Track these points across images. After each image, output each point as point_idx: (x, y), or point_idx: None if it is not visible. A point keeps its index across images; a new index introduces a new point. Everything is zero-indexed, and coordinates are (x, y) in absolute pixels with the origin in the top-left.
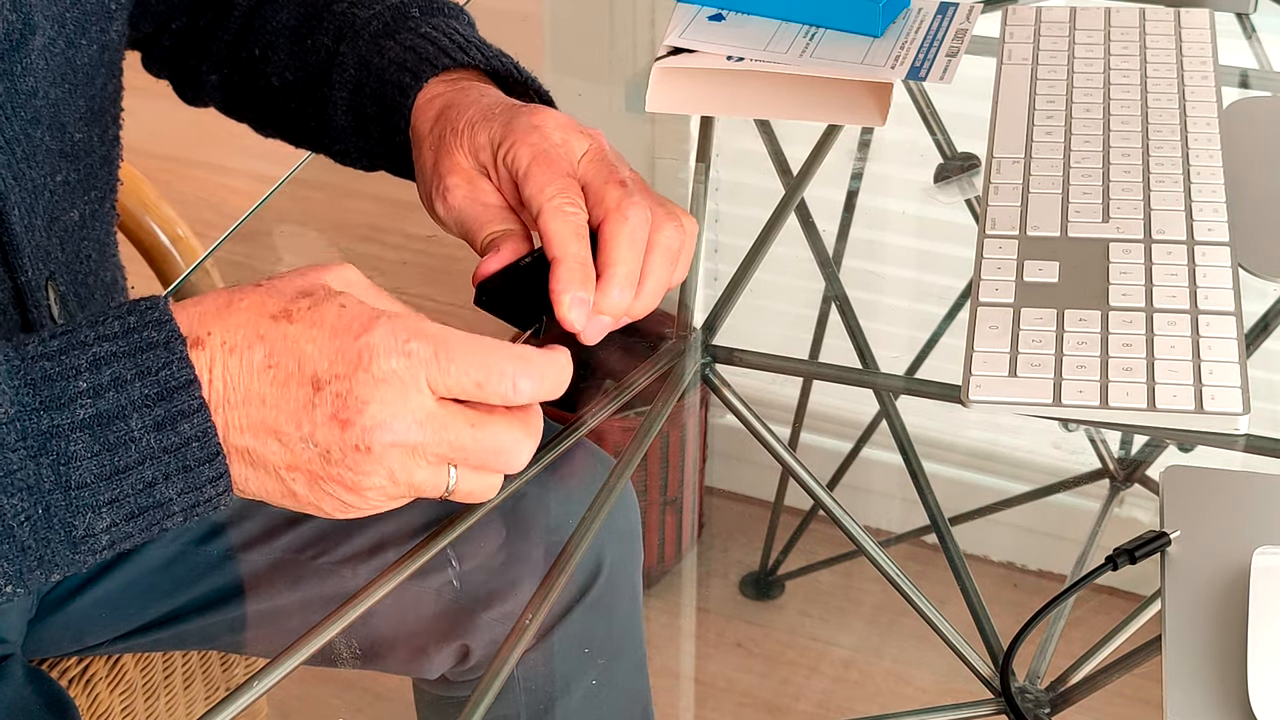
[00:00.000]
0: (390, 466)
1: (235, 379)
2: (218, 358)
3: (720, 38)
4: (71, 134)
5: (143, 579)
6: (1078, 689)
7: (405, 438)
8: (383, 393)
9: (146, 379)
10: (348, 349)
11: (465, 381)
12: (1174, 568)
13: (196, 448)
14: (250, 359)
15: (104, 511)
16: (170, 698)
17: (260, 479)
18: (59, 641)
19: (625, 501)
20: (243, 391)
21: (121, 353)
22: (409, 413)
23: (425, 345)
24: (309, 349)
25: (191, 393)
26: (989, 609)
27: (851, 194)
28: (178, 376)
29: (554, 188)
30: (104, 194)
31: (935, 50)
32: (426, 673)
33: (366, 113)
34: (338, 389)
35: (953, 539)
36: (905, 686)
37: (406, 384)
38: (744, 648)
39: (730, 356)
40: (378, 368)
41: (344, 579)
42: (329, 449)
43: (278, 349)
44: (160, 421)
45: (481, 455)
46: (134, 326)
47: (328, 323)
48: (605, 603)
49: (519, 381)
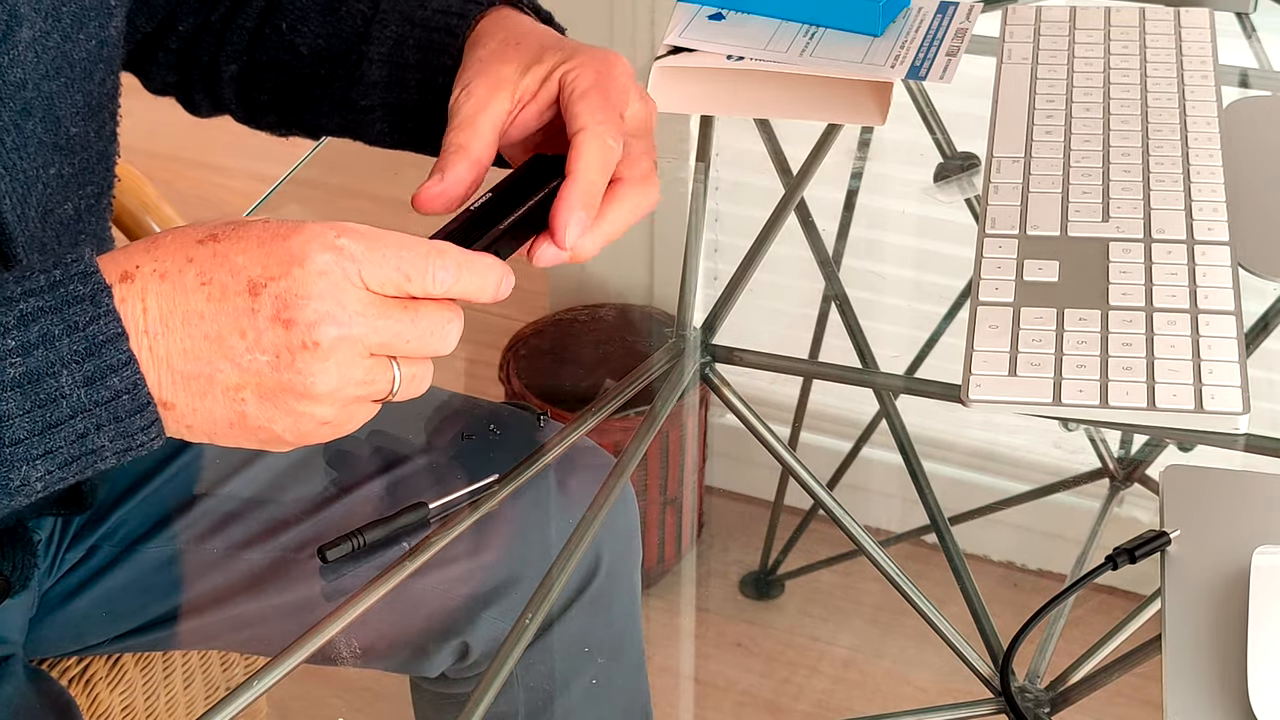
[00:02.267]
0: (338, 362)
1: (171, 303)
2: (150, 286)
3: (720, 37)
4: (67, 128)
5: (143, 579)
6: (1077, 689)
7: (349, 329)
8: (320, 286)
9: (74, 334)
10: (279, 251)
11: (394, 274)
12: (1174, 567)
13: (127, 399)
14: (182, 281)
15: (38, 463)
16: (170, 698)
17: (208, 408)
18: (59, 641)
19: (624, 500)
20: (180, 313)
21: (48, 308)
22: (348, 304)
23: (354, 241)
24: (240, 259)
25: (119, 346)
26: (989, 609)
27: (851, 193)
28: (105, 330)
29: (604, 115)
30: (101, 189)
31: (935, 49)
32: (426, 671)
33: (406, 61)
34: (275, 290)
35: (953, 539)
36: (905, 686)
37: (341, 278)
38: (744, 647)
39: (730, 356)
40: (312, 264)
41: (344, 577)
42: (277, 353)
43: (208, 266)
44: (90, 377)
45: (420, 339)
46: (59, 280)
47: (254, 234)
48: (604, 601)
49: (438, 273)
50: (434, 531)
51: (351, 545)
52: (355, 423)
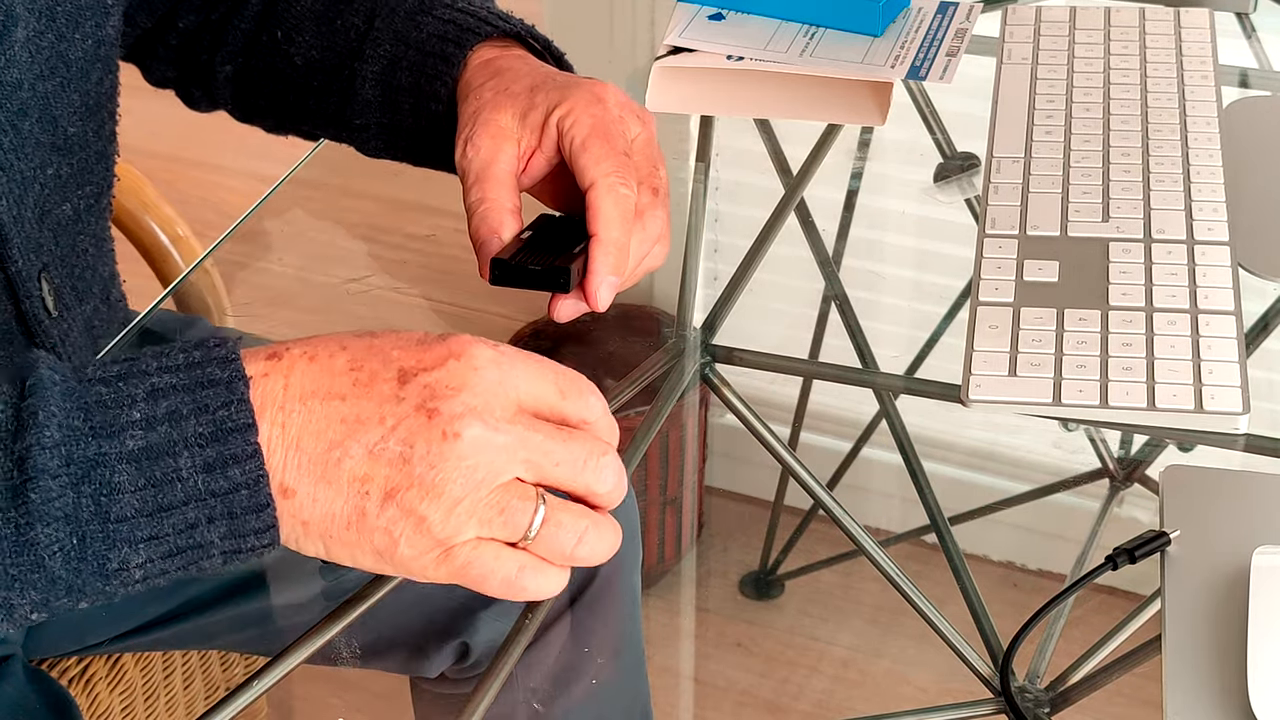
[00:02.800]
0: (475, 465)
1: (315, 383)
2: (297, 365)
3: (720, 37)
4: (64, 128)
5: None
6: (1077, 689)
7: (494, 431)
8: (474, 381)
9: (202, 416)
10: (437, 347)
11: (550, 390)
12: (1174, 568)
13: (245, 495)
14: (331, 365)
15: (141, 548)
16: (170, 698)
17: (329, 498)
18: (59, 642)
19: (624, 500)
20: (322, 393)
21: (181, 386)
22: (498, 407)
23: (514, 353)
24: (395, 352)
25: (247, 438)
26: (989, 609)
27: (851, 193)
28: (235, 419)
29: (610, 164)
30: (100, 189)
31: (935, 50)
32: (426, 671)
33: (399, 84)
34: (426, 380)
35: (953, 539)
36: (905, 686)
37: (496, 381)
38: (744, 647)
39: (730, 356)
40: (469, 359)
41: (344, 577)
42: (412, 442)
43: (361, 355)
44: (210, 463)
45: (571, 463)
46: (198, 361)
47: (414, 335)
48: (604, 600)
49: (592, 399)
50: None
51: None
52: (482, 569)
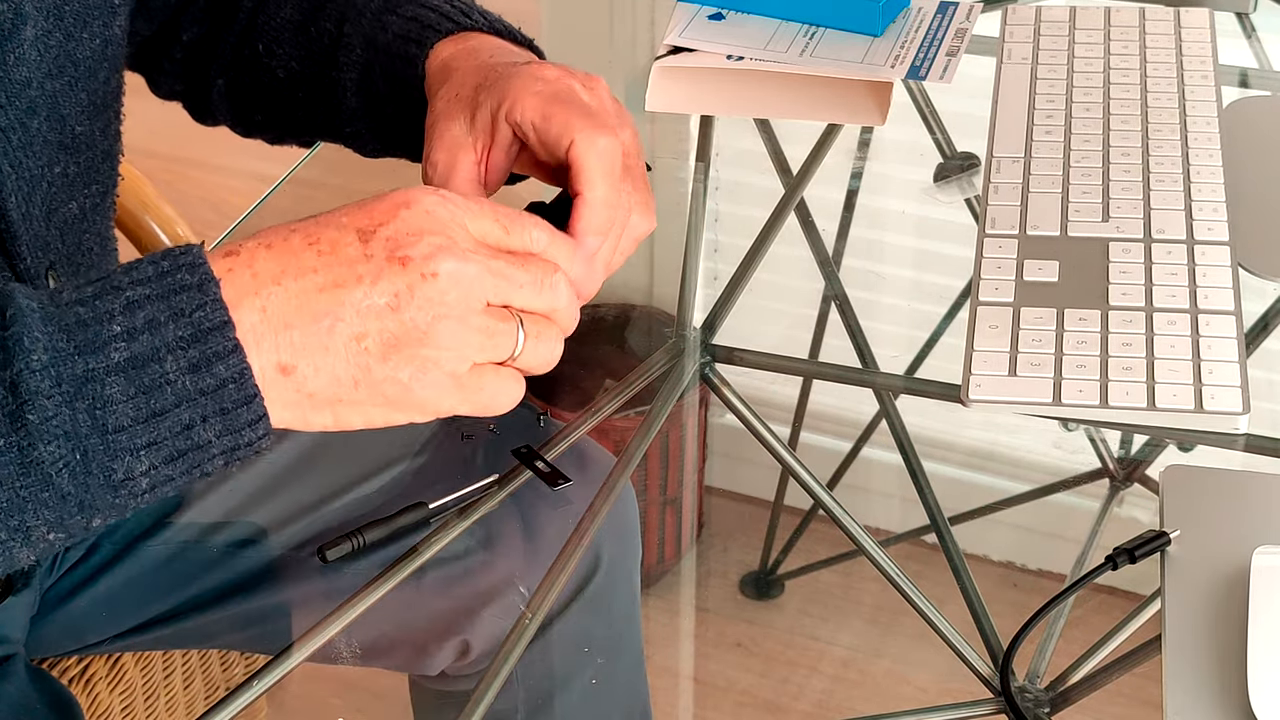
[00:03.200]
0: (458, 298)
1: (280, 263)
2: (257, 255)
3: (720, 37)
4: (72, 126)
5: (143, 577)
6: (1077, 688)
7: (464, 261)
8: (430, 223)
9: (180, 320)
10: (382, 202)
11: (493, 226)
12: (1174, 567)
13: (233, 389)
14: (289, 244)
15: (143, 455)
16: (170, 698)
17: (331, 365)
18: (60, 640)
19: (623, 498)
20: (293, 270)
21: (155, 295)
22: (459, 239)
23: (455, 195)
24: (344, 218)
25: (226, 334)
26: (989, 608)
27: (851, 193)
28: (211, 318)
29: (580, 120)
30: (105, 188)
31: (935, 49)
32: (426, 669)
33: (378, 91)
34: (386, 233)
35: (952, 539)
36: (905, 686)
37: (449, 218)
38: (744, 647)
39: (730, 356)
40: (419, 205)
41: (344, 576)
42: (396, 291)
43: (312, 229)
44: (195, 364)
45: (533, 285)
46: (167, 270)
47: (354, 203)
48: (603, 600)
49: (534, 231)
50: (434, 531)
51: (351, 545)
52: (489, 395)
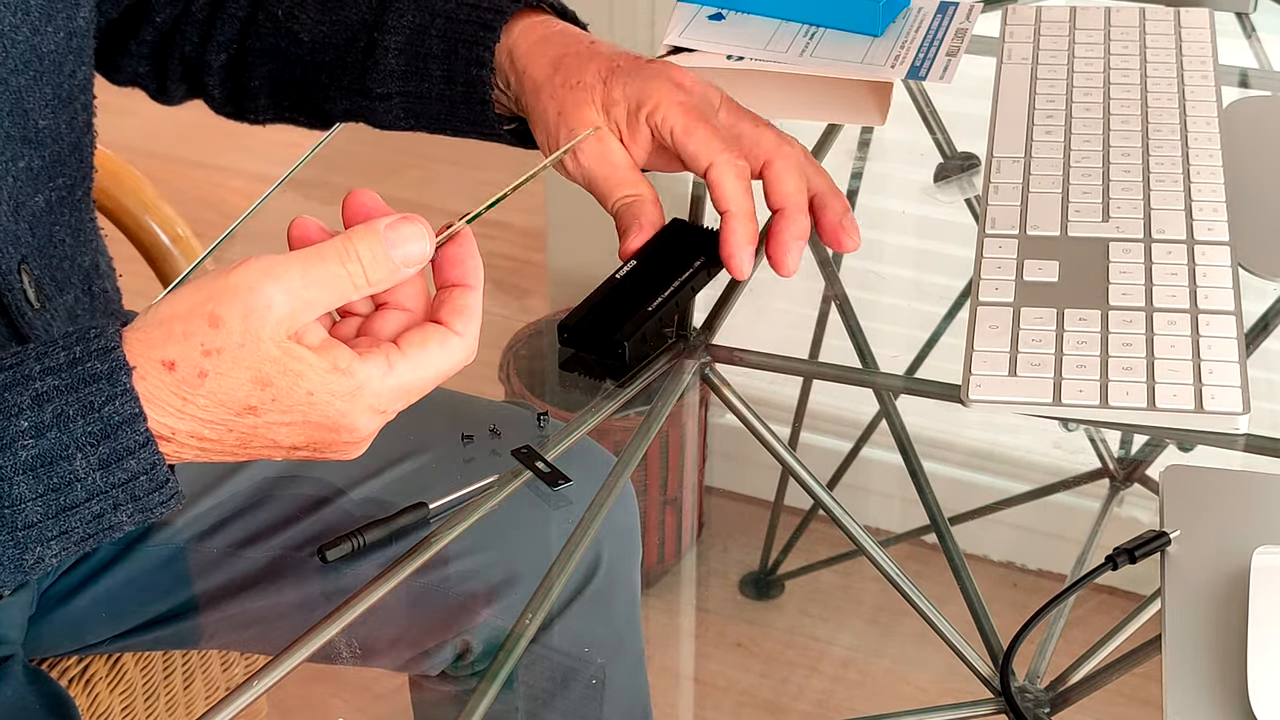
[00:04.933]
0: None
1: (211, 453)
2: (187, 446)
3: (720, 37)
4: (35, 120)
5: (143, 577)
6: (1078, 689)
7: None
8: (360, 442)
9: (90, 415)
10: (326, 435)
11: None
12: (1174, 568)
13: (145, 480)
14: (222, 446)
15: (53, 543)
16: (170, 698)
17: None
18: (59, 641)
19: (623, 498)
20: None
21: (64, 387)
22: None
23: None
24: (284, 433)
25: (136, 428)
26: (989, 608)
27: (851, 194)
28: (121, 412)
29: (718, 143)
30: (74, 180)
31: (935, 49)
32: (426, 669)
33: (429, 50)
34: (315, 449)
35: (952, 539)
36: (905, 686)
37: (378, 427)
38: (744, 647)
39: (730, 356)
40: (357, 435)
41: (344, 576)
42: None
43: (248, 437)
44: (105, 460)
45: None
46: (79, 357)
47: (299, 412)
48: (604, 600)
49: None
50: (434, 531)
51: (351, 545)
52: None
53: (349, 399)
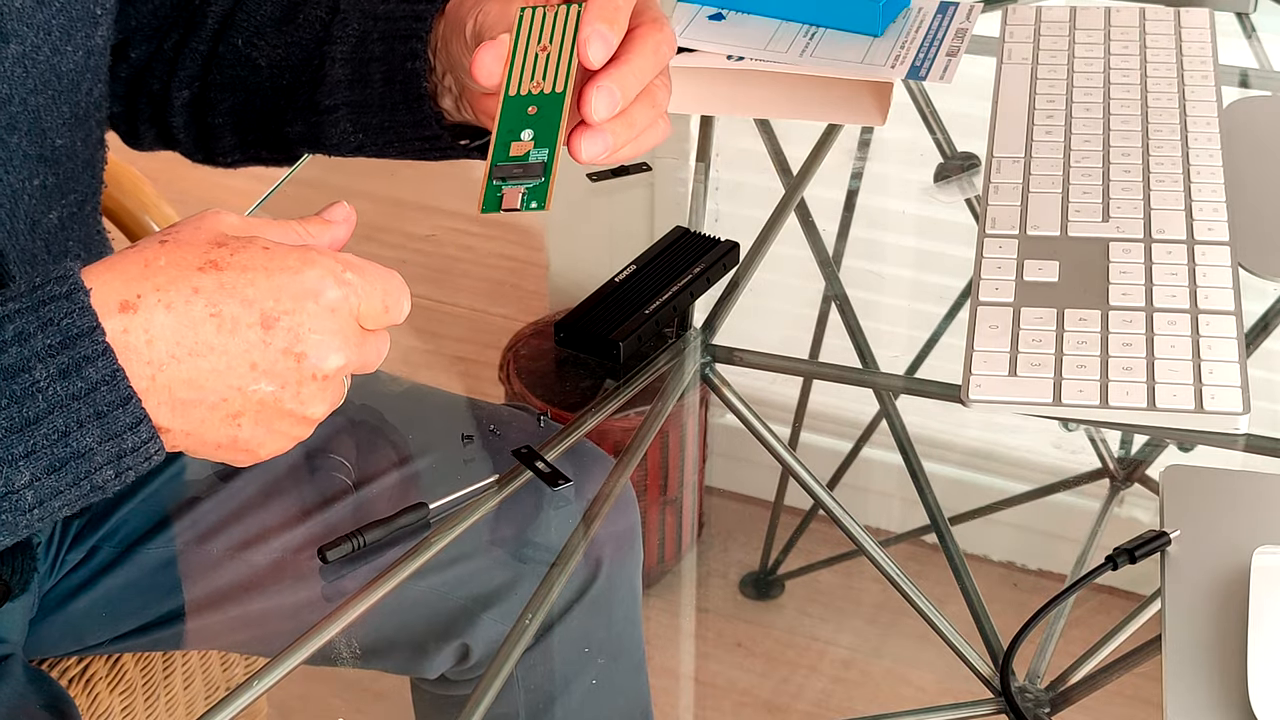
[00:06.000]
0: (333, 388)
1: (178, 334)
2: (155, 317)
3: (720, 37)
4: (52, 140)
5: (143, 579)
6: (1078, 688)
7: (346, 361)
8: (332, 323)
9: (49, 329)
10: (291, 286)
11: (378, 309)
12: (1174, 567)
13: (105, 391)
14: (190, 313)
15: (21, 465)
16: (170, 698)
17: (202, 433)
18: (59, 642)
19: (624, 500)
20: (189, 344)
21: (25, 308)
22: (350, 338)
23: (356, 275)
24: (250, 291)
25: (95, 338)
26: (989, 608)
27: (851, 193)
28: (79, 324)
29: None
30: (84, 197)
31: (935, 50)
32: (426, 672)
33: (370, 54)
34: (290, 324)
35: (953, 539)
36: (905, 686)
37: (347, 315)
38: (744, 647)
39: (730, 356)
40: (325, 300)
41: (344, 577)
42: (284, 383)
43: (216, 297)
44: (65, 369)
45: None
46: (38, 284)
47: (259, 264)
48: (604, 602)
49: (404, 304)
50: (434, 531)
51: (351, 545)
52: None
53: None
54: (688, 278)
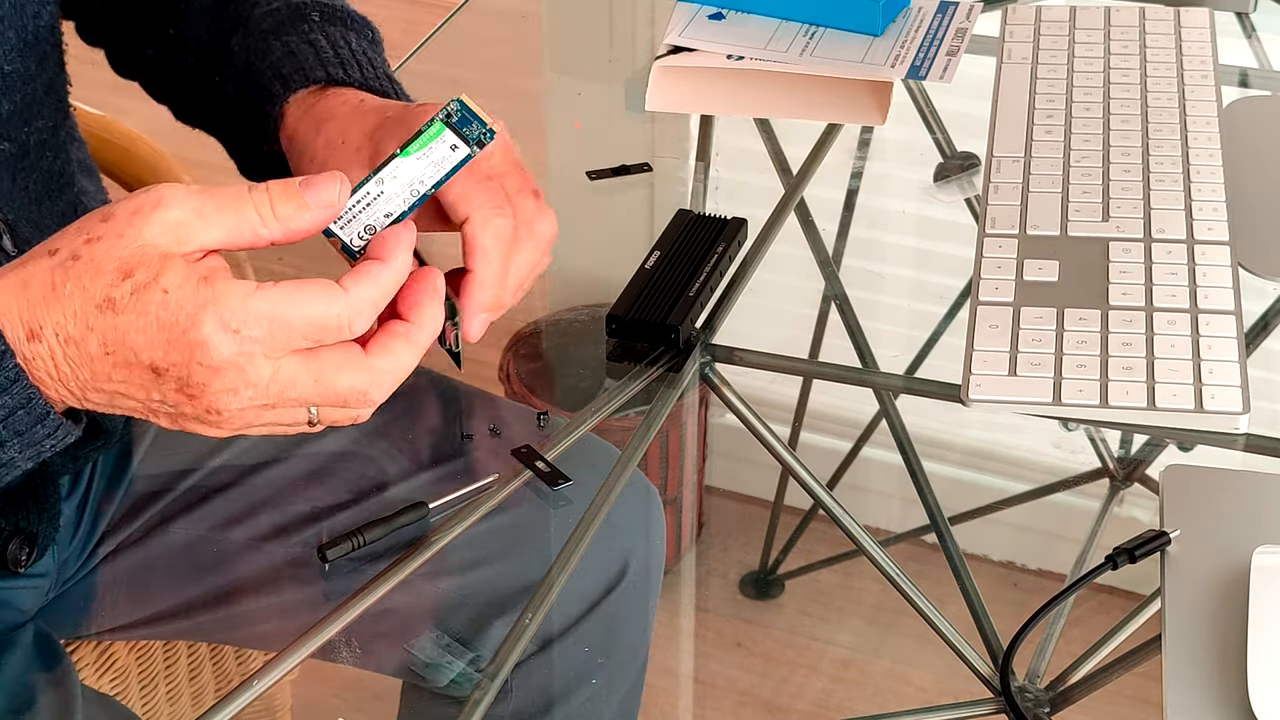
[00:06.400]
0: (246, 420)
1: (78, 364)
2: (57, 349)
3: (720, 36)
4: (1, 66)
5: (143, 574)
6: (1078, 688)
7: (254, 400)
8: (221, 379)
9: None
10: (178, 342)
11: (302, 343)
12: (1174, 567)
13: (23, 414)
14: (87, 348)
15: None
16: (172, 688)
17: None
18: (76, 623)
19: (652, 506)
20: (88, 372)
21: None
22: (251, 384)
23: (256, 328)
24: (140, 339)
25: (4, 365)
26: (989, 608)
27: (851, 193)
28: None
29: (481, 196)
30: (55, 122)
31: (935, 49)
32: (435, 682)
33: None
34: (177, 374)
35: (952, 538)
36: (905, 686)
37: (244, 366)
38: (744, 647)
39: (730, 356)
40: (211, 359)
41: (344, 576)
42: (182, 411)
43: (109, 339)
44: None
45: (331, 401)
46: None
47: (152, 313)
48: (627, 605)
49: (353, 322)
50: (434, 531)
51: (351, 545)
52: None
53: (202, 306)
54: (714, 256)
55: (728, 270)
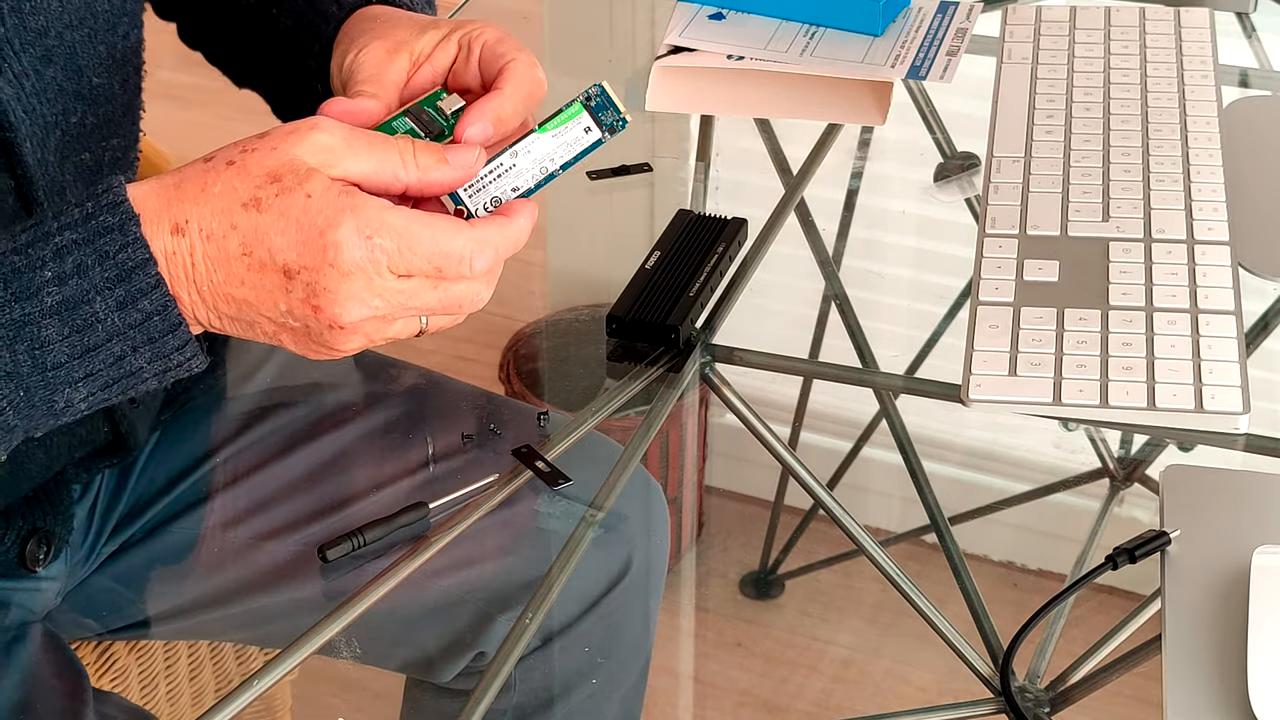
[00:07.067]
0: (365, 332)
1: (215, 264)
2: (198, 245)
3: (720, 37)
4: (89, 78)
5: (143, 572)
6: (1078, 688)
7: (375, 312)
8: (349, 285)
9: (106, 263)
10: (314, 244)
11: (427, 268)
12: (1174, 567)
13: (159, 320)
14: (226, 246)
15: (80, 385)
16: (173, 687)
17: (250, 334)
18: (80, 625)
19: (658, 506)
20: (224, 274)
21: (82, 240)
22: (375, 295)
23: (388, 239)
24: (279, 240)
25: (148, 271)
26: (989, 608)
27: (851, 193)
28: (134, 258)
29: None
30: (127, 143)
31: (935, 49)
32: (439, 677)
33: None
34: (307, 279)
35: (952, 538)
36: (905, 686)
37: (371, 274)
38: (744, 647)
39: (730, 356)
40: (343, 263)
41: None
42: (307, 325)
43: (249, 238)
44: (122, 301)
45: (447, 309)
46: (92, 212)
47: (294, 215)
48: (629, 604)
49: (475, 262)
50: (434, 531)
51: (351, 545)
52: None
53: (340, 210)
54: (714, 256)
55: (728, 270)
